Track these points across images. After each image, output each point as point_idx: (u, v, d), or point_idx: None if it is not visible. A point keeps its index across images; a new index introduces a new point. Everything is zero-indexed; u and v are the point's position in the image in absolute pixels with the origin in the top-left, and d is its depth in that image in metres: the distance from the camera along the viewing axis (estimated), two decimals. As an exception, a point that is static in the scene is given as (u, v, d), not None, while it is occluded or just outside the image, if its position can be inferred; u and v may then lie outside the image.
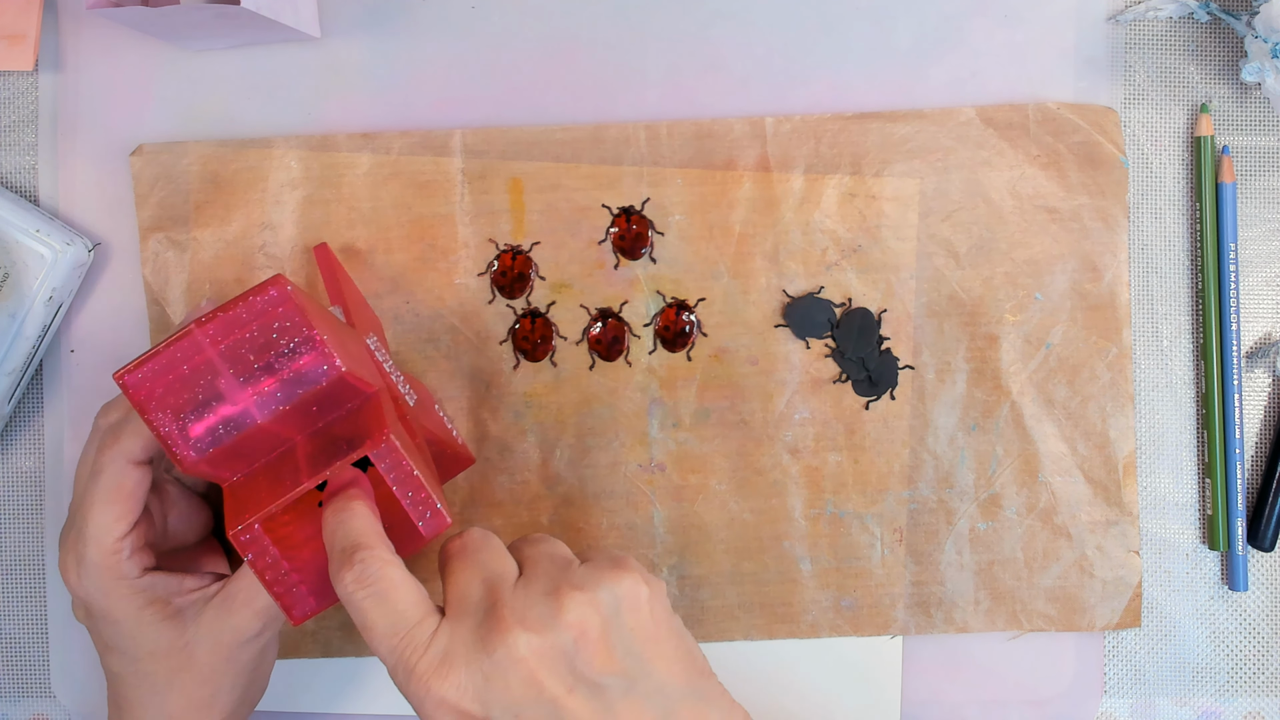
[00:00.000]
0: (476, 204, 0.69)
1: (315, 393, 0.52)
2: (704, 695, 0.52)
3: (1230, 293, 0.69)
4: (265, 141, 0.69)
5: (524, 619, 0.49)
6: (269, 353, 0.52)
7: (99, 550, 0.57)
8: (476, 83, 0.70)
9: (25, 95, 0.71)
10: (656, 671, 0.51)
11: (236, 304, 0.52)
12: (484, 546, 0.54)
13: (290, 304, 0.53)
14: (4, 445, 0.71)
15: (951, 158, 0.69)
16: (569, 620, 0.49)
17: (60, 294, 0.68)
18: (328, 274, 0.64)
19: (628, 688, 0.50)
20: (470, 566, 0.53)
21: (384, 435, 0.52)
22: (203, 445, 0.52)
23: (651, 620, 0.52)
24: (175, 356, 0.52)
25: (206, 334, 0.52)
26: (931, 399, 0.69)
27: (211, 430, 0.52)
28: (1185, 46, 0.71)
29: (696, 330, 0.69)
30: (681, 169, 0.69)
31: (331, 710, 0.71)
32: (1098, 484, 0.69)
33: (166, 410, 0.52)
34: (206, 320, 0.52)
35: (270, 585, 0.53)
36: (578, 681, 0.49)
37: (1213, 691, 0.70)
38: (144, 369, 0.52)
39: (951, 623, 0.69)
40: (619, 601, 0.51)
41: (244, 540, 0.52)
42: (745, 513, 0.69)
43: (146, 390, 0.52)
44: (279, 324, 0.53)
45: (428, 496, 0.53)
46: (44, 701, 0.72)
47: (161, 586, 0.59)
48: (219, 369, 0.52)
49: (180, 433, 0.52)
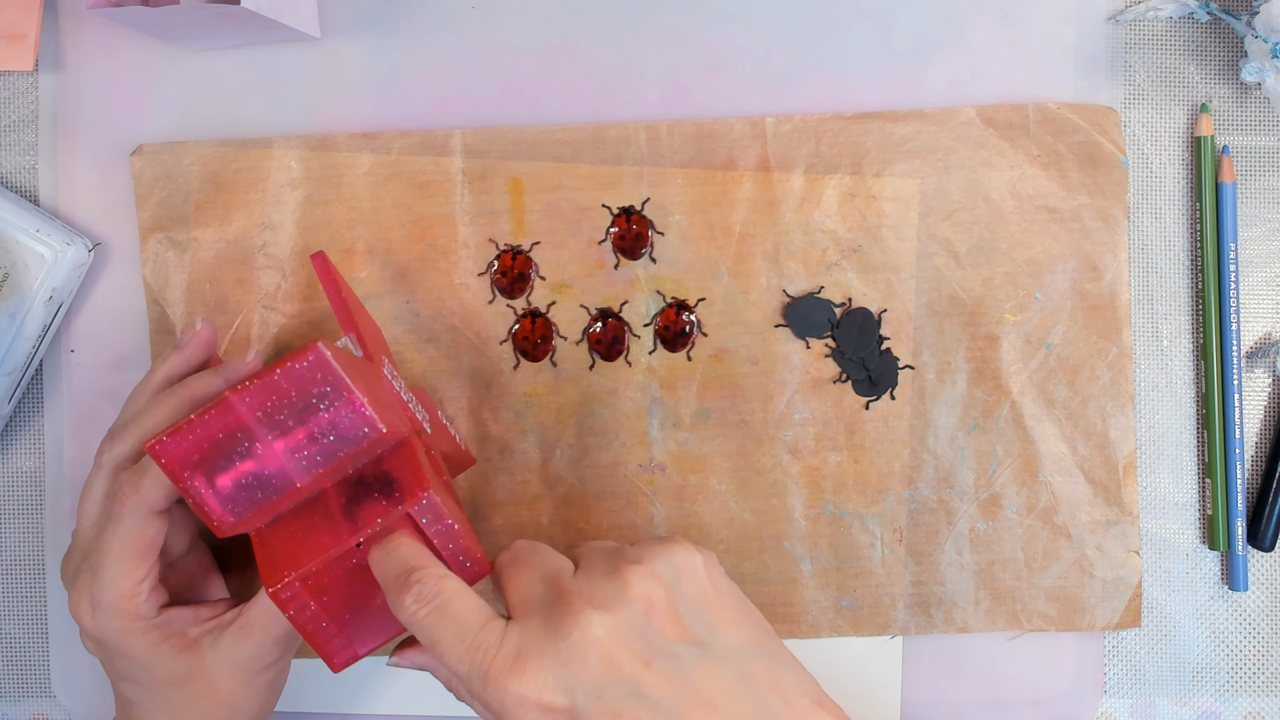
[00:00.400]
0: (477, 204, 0.69)
1: (354, 451, 0.52)
2: (774, 655, 0.52)
3: (1230, 293, 0.69)
4: (265, 141, 0.69)
5: (592, 599, 0.49)
6: (307, 416, 0.52)
7: (116, 595, 0.57)
8: (476, 83, 0.70)
9: (25, 95, 0.71)
10: (724, 635, 0.51)
11: (274, 369, 0.52)
12: (535, 550, 0.54)
13: (329, 369, 0.52)
14: (4, 445, 0.71)
15: (952, 158, 0.69)
16: (635, 593, 0.49)
17: (60, 294, 0.68)
18: (331, 290, 0.64)
19: (701, 654, 0.50)
20: (526, 570, 0.52)
21: (424, 493, 0.52)
22: (240, 510, 0.52)
23: (711, 586, 0.52)
24: (209, 424, 0.52)
25: (243, 400, 0.52)
26: (932, 399, 0.69)
27: (249, 494, 0.52)
28: (1185, 46, 0.71)
29: (697, 330, 0.69)
30: (682, 169, 0.69)
31: (331, 710, 0.71)
32: (1098, 484, 0.69)
33: (200, 477, 0.52)
34: (242, 388, 0.52)
35: (311, 638, 0.53)
36: (654, 654, 0.49)
37: (1213, 691, 0.70)
38: (176, 437, 0.51)
39: (951, 623, 0.69)
40: (677, 571, 0.51)
41: (285, 597, 0.52)
42: (745, 513, 0.69)
43: (180, 458, 0.52)
44: (318, 389, 0.52)
45: (468, 546, 0.53)
46: (44, 701, 0.72)
47: (177, 621, 0.59)
48: (256, 434, 0.52)
49: (216, 499, 0.52)
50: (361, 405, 0.52)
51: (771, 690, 0.50)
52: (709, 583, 0.52)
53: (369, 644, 0.54)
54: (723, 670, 0.49)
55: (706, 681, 0.49)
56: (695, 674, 0.49)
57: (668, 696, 0.48)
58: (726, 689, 0.49)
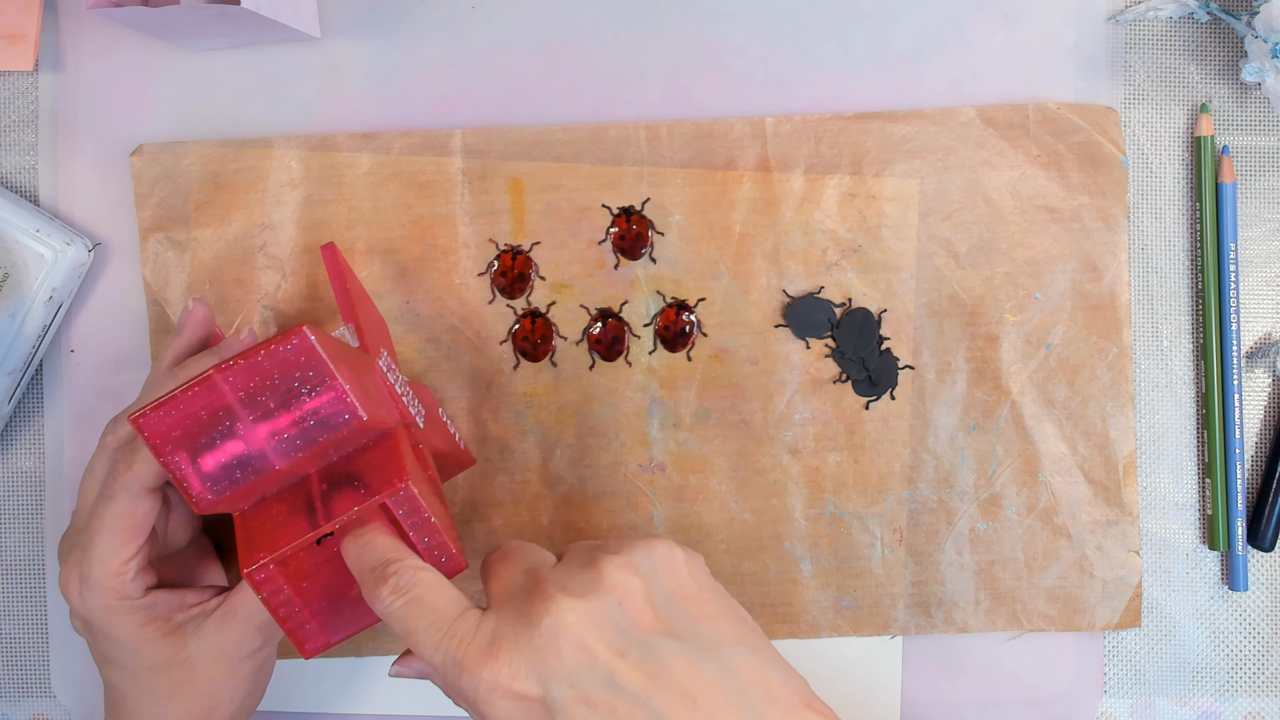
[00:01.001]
0: (477, 204, 0.69)
1: (334, 437, 0.53)
2: (759, 652, 0.51)
3: (1230, 293, 0.69)
4: (265, 142, 0.69)
5: (566, 587, 0.49)
6: (290, 400, 0.52)
7: (104, 573, 0.57)
8: (476, 83, 0.70)
9: (25, 95, 0.71)
10: (705, 629, 0.50)
11: (259, 350, 0.52)
12: (522, 547, 0.54)
13: (313, 353, 0.52)
14: (4, 445, 0.71)
15: (952, 158, 0.69)
16: (610, 582, 0.49)
17: (60, 294, 0.68)
18: (336, 281, 0.64)
19: (680, 647, 0.49)
20: (511, 564, 0.53)
21: (402, 484, 0.52)
22: (219, 488, 0.52)
23: (692, 582, 0.52)
24: (193, 400, 0.52)
25: (226, 379, 0.52)
26: (932, 399, 0.69)
27: (229, 473, 0.52)
28: (1185, 46, 0.71)
29: (696, 330, 0.69)
30: (682, 169, 0.69)
31: (331, 710, 0.71)
32: (1098, 484, 0.69)
33: (182, 453, 0.52)
34: (227, 366, 0.52)
35: (284, 622, 0.53)
36: (629, 644, 0.48)
37: (1213, 691, 0.70)
38: (159, 411, 0.52)
39: (951, 623, 0.69)
40: (655, 564, 0.51)
41: (259, 579, 0.52)
42: (745, 513, 0.69)
43: (163, 433, 0.52)
44: (300, 372, 0.52)
45: (444, 541, 0.53)
46: (44, 701, 0.72)
47: (163, 604, 0.59)
48: (238, 414, 0.52)
49: (196, 475, 0.52)
50: (344, 392, 0.52)
51: (757, 687, 0.49)
52: (690, 578, 0.52)
53: (342, 633, 0.54)
54: (704, 664, 0.49)
55: (686, 674, 0.48)
56: (673, 666, 0.48)
57: (643, 687, 0.47)
58: (708, 683, 0.48)
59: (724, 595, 0.53)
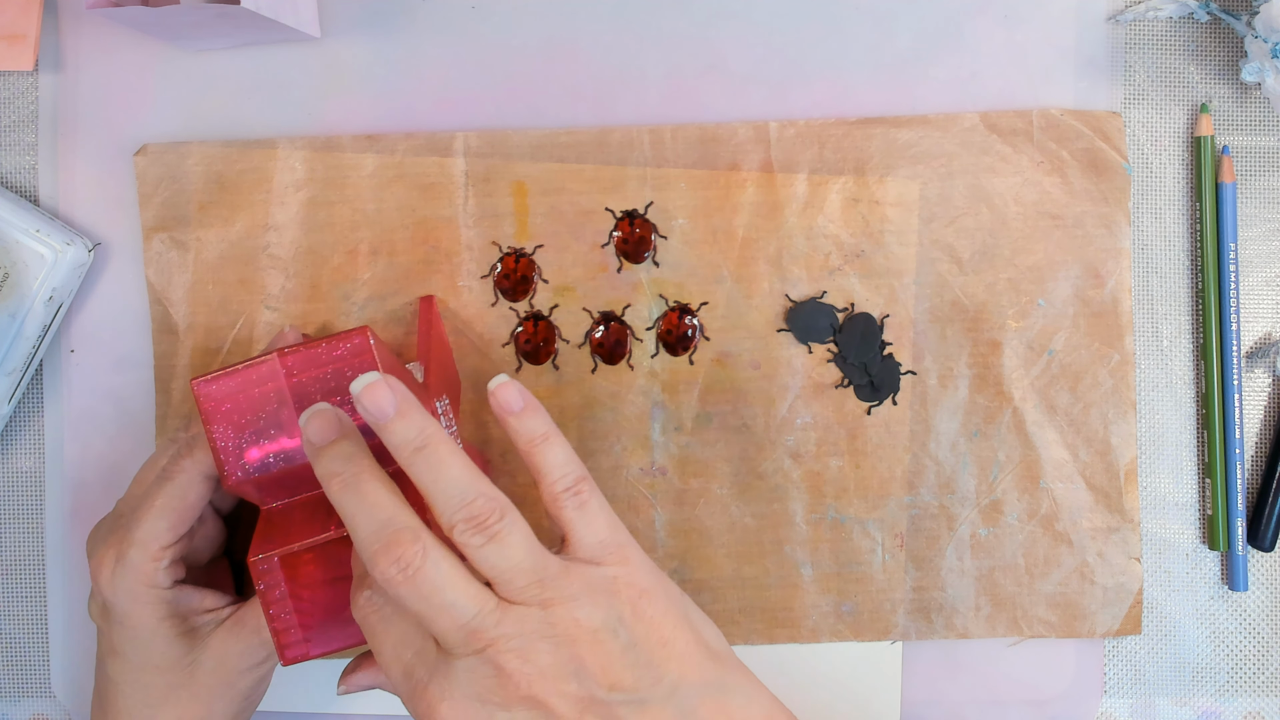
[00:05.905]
0: (480, 207, 0.69)
1: (370, 443, 0.53)
2: (722, 685, 0.51)
3: (1230, 293, 0.69)
4: (270, 142, 0.69)
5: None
6: (335, 397, 0.54)
7: (142, 555, 0.58)
8: (477, 84, 0.70)
9: (25, 95, 0.71)
10: (670, 672, 0.51)
11: (320, 343, 0.54)
12: (397, 615, 0.52)
13: (369, 355, 0.55)
14: (4, 445, 0.71)
15: (955, 163, 0.69)
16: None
17: (60, 294, 0.68)
18: (424, 327, 0.66)
19: (640, 701, 0.50)
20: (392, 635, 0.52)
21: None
22: (251, 468, 0.55)
23: (643, 623, 0.51)
24: (251, 378, 0.55)
25: (286, 364, 0.55)
26: (933, 404, 0.69)
27: (263, 456, 0.54)
28: (1185, 46, 0.70)
29: (699, 334, 0.69)
30: (685, 171, 0.69)
31: (331, 710, 0.71)
32: (1099, 490, 0.69)
33: (229, 426, 0.55)
34: (290, 351, 0.54)
35: (273, 621, 0.54)
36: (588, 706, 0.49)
37: (1213, 691, 0.71)
38: (220, 382, 0.55)
39: (952, 628, 0.69)
40: (611, 616, 0.51)
41: (261, 569, 0.53)
42: (746, 517, 0.69)
43: (215, 402, 0.55)
44: (353, 371, 0.55)
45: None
46: (44, 701, 0.72)
47: (184, 601, 0.60)
48: (286, 400, 0.54)
49: (235, 450, 0.55)
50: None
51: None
52: (642, 620, 0.51)
53: (324, 649, 0.55)
54: (664, 711, 0.50)
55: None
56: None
57: None
58: None
59: (684, 624, 0.53)
